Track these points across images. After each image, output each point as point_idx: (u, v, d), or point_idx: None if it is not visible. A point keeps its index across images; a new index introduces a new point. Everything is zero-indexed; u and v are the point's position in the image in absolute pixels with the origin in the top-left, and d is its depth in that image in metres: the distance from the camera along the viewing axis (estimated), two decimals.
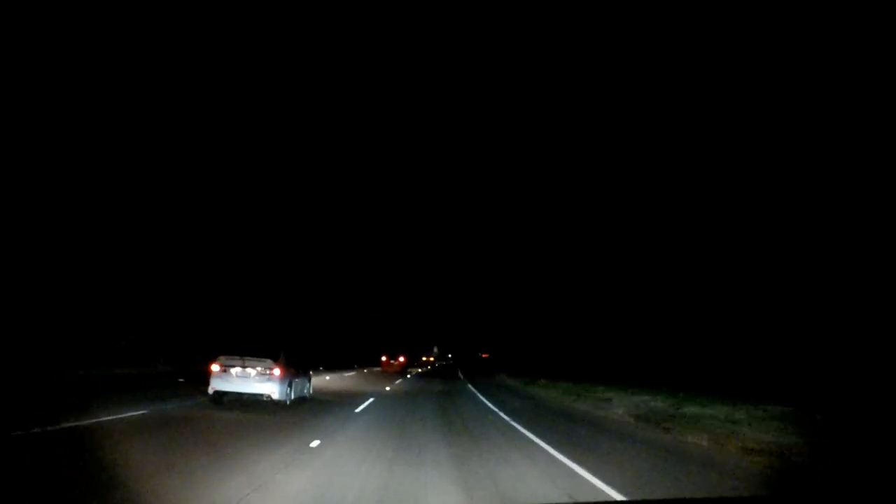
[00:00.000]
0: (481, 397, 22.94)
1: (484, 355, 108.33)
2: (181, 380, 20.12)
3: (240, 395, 13.61)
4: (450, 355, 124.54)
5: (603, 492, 6.72)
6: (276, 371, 13.55)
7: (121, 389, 15.61)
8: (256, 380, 13.41)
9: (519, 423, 13.95)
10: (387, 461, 8.08)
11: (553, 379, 32.19)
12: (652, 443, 11.21)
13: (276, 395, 13.49)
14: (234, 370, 13.45)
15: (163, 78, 37.61)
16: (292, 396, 14.51)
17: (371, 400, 18.16)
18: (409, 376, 40.99)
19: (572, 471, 7.98)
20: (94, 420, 9.70)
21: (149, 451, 7.62)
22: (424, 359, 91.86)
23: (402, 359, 49.31)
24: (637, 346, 39.17)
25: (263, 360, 13.59)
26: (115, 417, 10.24)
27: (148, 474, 6.28)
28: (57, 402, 12.47)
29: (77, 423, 9.24)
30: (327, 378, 28.29)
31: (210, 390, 13.45)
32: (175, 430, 9.68)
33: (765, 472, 8.36)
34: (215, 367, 13.52)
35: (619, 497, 6.33)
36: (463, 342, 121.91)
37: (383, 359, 49.02)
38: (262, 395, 13.49)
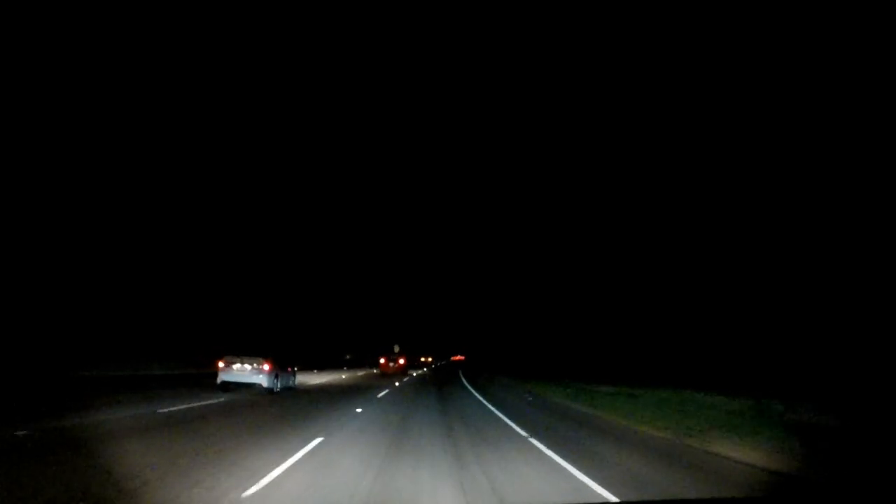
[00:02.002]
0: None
1: (456, 357, 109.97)
2: (190, 381, 23.01)
3: (239, 384, 18.45)
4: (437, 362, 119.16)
5: None
6: (266, 367, 18.41)
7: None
8: (251, 373, 18.29)
9: None
10: None
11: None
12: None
13: (265, 384, 18.35)
14: (235, 366, 18.34)
15: (163, 82, 38.99)
16: (279, 386, 19.33)
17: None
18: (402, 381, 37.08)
19: None
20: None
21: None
22: (423, 359, 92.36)
23: (402, 360, 47.83)
24: (629, 348, 40.59)
25: (256, 358, 18.53)
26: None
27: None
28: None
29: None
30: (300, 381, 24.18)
31: (218, 380, 18.37)
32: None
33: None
34: (221, 364, 18.51)
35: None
36: (436, 343, 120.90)
37: (382, 360, 48.09)
38: (255, 384, 18.42)
